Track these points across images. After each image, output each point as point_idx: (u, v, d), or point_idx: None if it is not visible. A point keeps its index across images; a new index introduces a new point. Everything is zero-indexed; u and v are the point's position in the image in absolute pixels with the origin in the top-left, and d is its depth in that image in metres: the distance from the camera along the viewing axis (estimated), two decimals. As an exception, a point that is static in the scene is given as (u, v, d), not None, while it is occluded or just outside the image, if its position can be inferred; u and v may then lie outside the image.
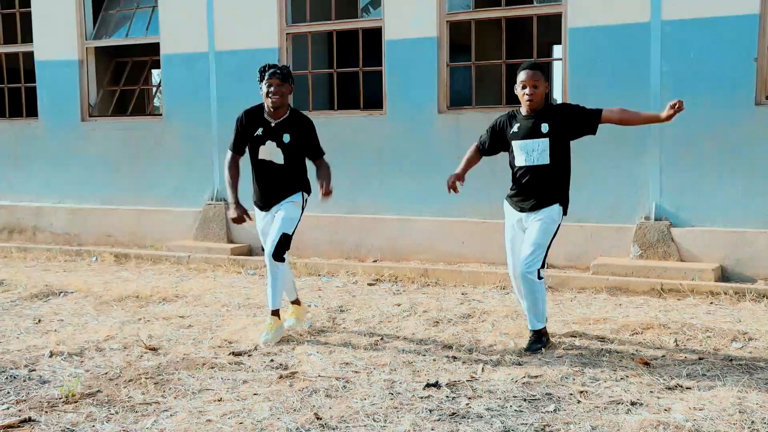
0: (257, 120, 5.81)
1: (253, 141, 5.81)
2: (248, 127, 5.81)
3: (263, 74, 5.71)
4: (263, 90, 5.69)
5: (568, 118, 5.49)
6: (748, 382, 4.72)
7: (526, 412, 4.31)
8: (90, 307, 7.04)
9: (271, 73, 5.67)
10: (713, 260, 7.54)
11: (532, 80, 5.42)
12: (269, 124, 5.78)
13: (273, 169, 5.81)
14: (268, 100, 5.69)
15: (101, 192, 10.48)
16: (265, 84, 5.67)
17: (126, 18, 10.66)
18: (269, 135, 5.76)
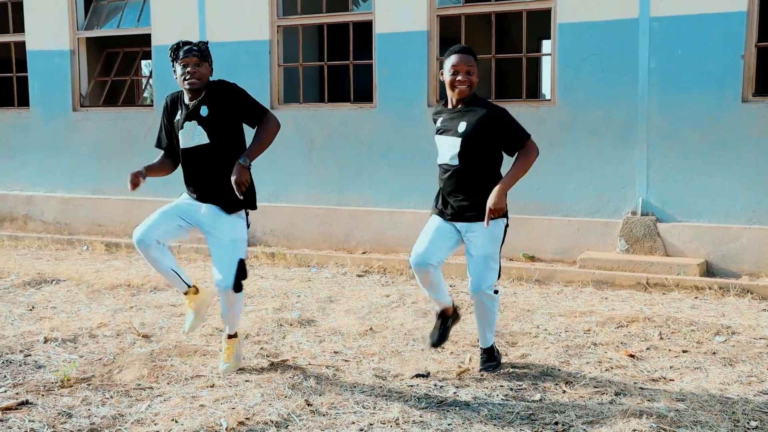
0: (178, 104, 4.89)
1: (173, 128, 4.90)
2: (170, 114, 4.92)
3: (177, 53, 4.74)
4: (178, 72, 4.73)
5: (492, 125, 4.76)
6: (730, 375, 4.83)
7: (512, 401, 4.40)
8: (82, 295, 7.10)
9: (186, 50, 4.71)
10: (698, 255, 7.66)
11: (467, 66, 4.71)
12: (187, 106, 4.81)
13: (200, 155, 4.79)
14: (185, 83, 4.73)
15: (92, 182, 10.51)
16: (180, 65, 4.71)
17: (118, 9, 10.68)
18: (187, 116, 4.78)
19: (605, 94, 7.98)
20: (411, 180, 8.78)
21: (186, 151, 4.82)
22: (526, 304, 6.73)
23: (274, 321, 6.11)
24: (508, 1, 8.60)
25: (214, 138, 4.75)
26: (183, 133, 4.79)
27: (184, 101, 4.84)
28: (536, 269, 7.77)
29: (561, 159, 8.17)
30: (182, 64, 4.70)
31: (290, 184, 9.42)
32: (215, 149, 4.74)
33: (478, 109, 4.76)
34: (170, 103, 4.94)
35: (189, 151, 4.81)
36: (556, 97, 8.20)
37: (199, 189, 4.84)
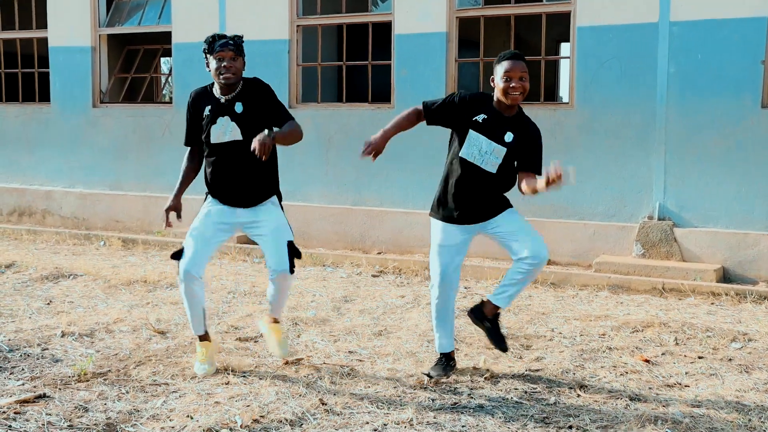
0: (205, 99, 4.79)
1: (203, 124, 4.77)
2: (197, 109, 4.80)
3: (212, 46, 4.63)
4: (212, 66, 4.65)
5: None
6: (746, 382, 4.80)
7: (527, 403, 4.40)
8: (99, 290, 7.15)
9: (222, 44, 4.61)
10: (715, 261, 7.62)
11: (520, 72, 4.55)
12: (218, 100, 4.74)
13: (233, 151, 4.73)
14: (220, 78, 4.65)
15: (110, 177, 10.58)
16: (215, 58, 4.63)
17: (139, 6, 10.75)
18: (220, 111, 4.72)
19: (624, 98, 7.96)
20: (427, 181, 8.76)
21: (217, 146, 4.75)
22: (541, 307, 6.72)
23: (289, 319, 6.13)
24: (528, 3, 8.60)
25: (247, 135, 4.65)
26: (215, 128, 4.72)
27: (215, 96, 4.76)
28: (551, 272, 7.75)
29: (578, 162, 8.14)
30: (218, 57, 4.62)
31: (307, 183, 9.44)
32: (248, 146, 4.57)
33: (524, 123, 4.71)
34: (195, 98, 4.83)
35: (220, 146, 4.75)
36: (574, 100, 8.19)
37: (226, 186, 4.79)
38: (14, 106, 11.32)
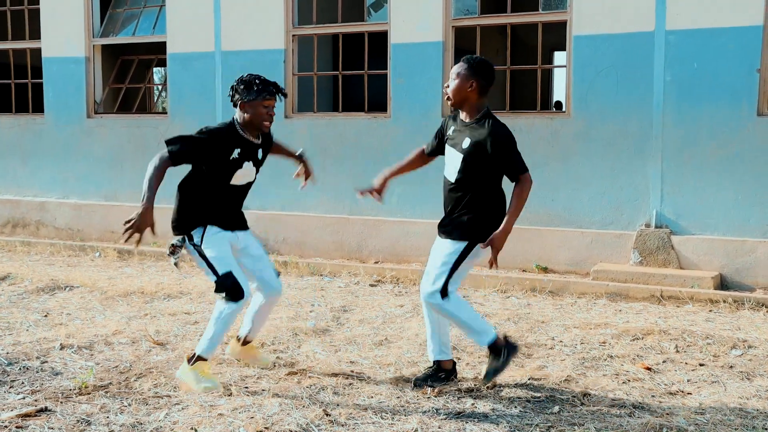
0: (233, 141, 4.69)
1: (227, 165, 4.68)
2: (224, 147, 4.64)
3: (261, 91, 4.64)
4: (255, 110, 4.64)
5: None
6: (748, 389, 4.81)
7: (531, 412, 4.39)
8: (96, 301, 7.11)
9: (271, 91, 4.68)
10: (713, 268, 7.64)
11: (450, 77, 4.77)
12: (249, 143, 4.76)
13: (244, 190, 4.95)
14: (263, 125, 4.71)
15: (105, 188, 10.54)
16: (263, 104, 4.65)
17: (133, 16, 10.74)
18: (246, 156, 4.76)
19: (620, 106, 7.99)
20: (424, 190, 8.77)
21: (235, 186, 4.84)
22: (541, 315, 6.72)
23: (288, 330, 6.12)
24: (524, 13, 8.62)
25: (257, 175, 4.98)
26: (241, 172, 4.77)
27: (245, 138, 4.73)
28: (549, 280, 7.76)
29: (575, 170, 8.17)
30: (267, 104, 4.67)
31: (303, 193, 9.32)
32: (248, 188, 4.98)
33: (482, 127, 4.68)
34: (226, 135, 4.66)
35: (238, 186, 4.86)
36: (570, 109, 8.21)
37: (234, 217, 4.92)
38: (7, 117, 11.28)
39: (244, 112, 4.67)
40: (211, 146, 4.61)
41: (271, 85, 4.68)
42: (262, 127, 4.72)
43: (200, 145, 4.60)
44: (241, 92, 4.66)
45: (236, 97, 4.69)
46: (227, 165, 4.68)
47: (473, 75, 4.70)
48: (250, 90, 4.64)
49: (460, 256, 4.70)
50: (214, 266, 4.68)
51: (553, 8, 9.03)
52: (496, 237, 4.62)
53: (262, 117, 4.67)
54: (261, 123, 4.69)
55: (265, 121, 4.70)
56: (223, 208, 4.83)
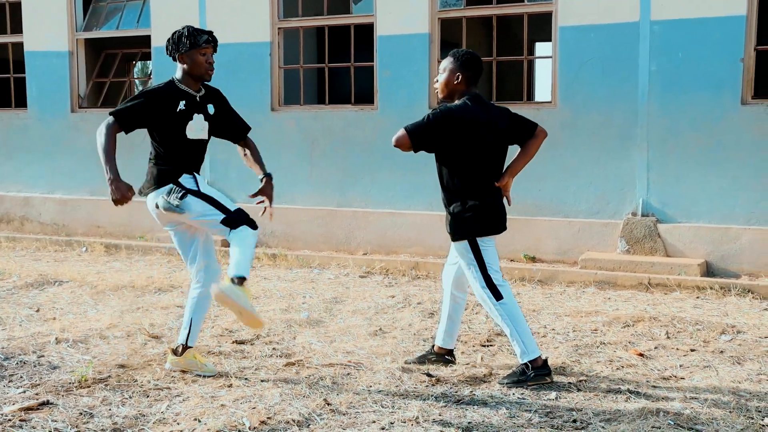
0: (175, 94, 4.67)
1: (175, 118, 4.65)
2: (165, 102, 4.62)
3: (196, 39, 4.62)
4: (194, 59, 4.63)
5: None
6: (740, 373, 4.89)
7: (529, 399, 4.44)
8: (86, 296, 7.10)
9: (207, 39, 4.65)
10: (699, 256, 7.74)
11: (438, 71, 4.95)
12: (193, 96, 4.73)
13: (201, 148, 4.85)
14: (206, 74, 4.70)
15: (91, 183, 10.48)
16: (200, 53, 4.63)
17: (117, 9, 10.67)
18: (194, 108, 4.73)
19: (606, 97, 8.06)
20: (412, 181, 8.82)
21: (191, 141, 4.75)
22: (531, 304, 6.79)
23: (282, 322, 6.14)
24: (510, 4, 8.67)
25: (210, 135, 4.90)
26: (192, 124, 4.72)
27: (187, 91, 4.71)
28: (538, 270, 7.83)
29: (562, 160, 8.24)
30: (204, 53, 4.66)
31: (291, 185, 9.43)
32: (205, 146, 4.89)
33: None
34: (166, 90, 4.68)
35: (193, 142, 4.76)
36: (556, 99, 8.27)
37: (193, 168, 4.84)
38: (-10, 112, 11.19)
39: (183, 63, 4.67)
40: (153, 101, 4.61)
41: (205, 33, 4.67)
42: (204, 75, 4.70)
43: (143, 103, 4.60)
44: (176, 43, 4.65)
45: (171, 49, 4.68)
46: (176, 117, 4.66)
47: (460, 68, 4.79)
48: (184, 40, 4.63)
49: (474, 252, 4.72)
50: (223, 204, 4.67)
51: None
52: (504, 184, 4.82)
53: (201, 66, 4.66)
54: (203, 72, 4.68)
55: (208, 70, 4.69)
56: (187, 165, 4.75)
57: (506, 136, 4.85)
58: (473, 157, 4.69)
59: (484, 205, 4.72)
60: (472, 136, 4.66)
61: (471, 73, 4.80)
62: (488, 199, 4.75)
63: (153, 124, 4.66)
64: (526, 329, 4.71)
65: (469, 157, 4.69)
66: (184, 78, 4.71)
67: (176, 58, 4.70)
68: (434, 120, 4.66)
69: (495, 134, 4.76)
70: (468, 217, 4.70)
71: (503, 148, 4.88)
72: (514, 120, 4.91)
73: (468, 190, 4.72)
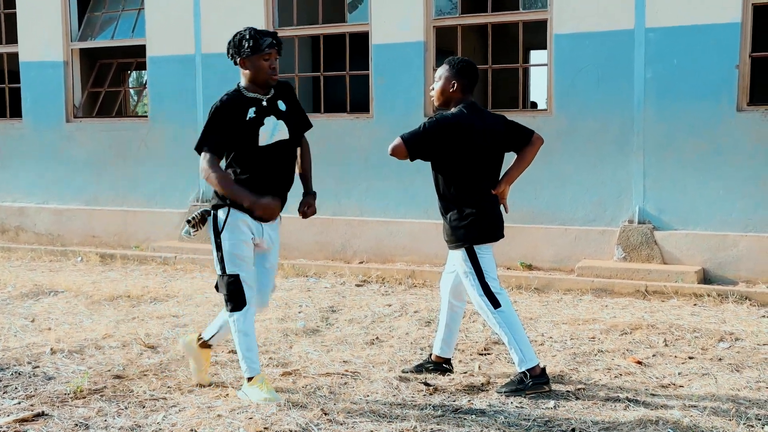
0: (242, 103, 4.46)
1: (246, 128, 4.42)
2: (236, 114, 4.42)
3: (259, 44, 4.39)
4: (258, 64, 4.41)
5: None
6: (738, 381, 4.87)
7: (527, 408, 4.42)
8: (82, 306, 7.07)
9: (270, 43, 4.42)
10: (696, 263, 7.73)
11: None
12: (260, 101, 4.50)
13: (283, 150, 4.54)
14: (270, 78, 4.47)
15: (86, 193, 10.47)
16: (263, 58, 4.40)
17: (112, 19, 10.66)
18: (264, 112, 4.49)
19: (601, 104, 8.06)
20: (408, 189, 8.80)
21: (269, 147, 4.47)
22: (528, 312, 6.77)
23: (279, 331, 6.12)
24: (504, 12, 8.68)
25: (292, 132, 4.58)
26: (264, 129, 4.44)
27: (253, 98, 4.48)
28: (535, 278, 7.81)
29: (558, 168, 8.23)
30: (267, 57, 4.40)
31: (286, 194, 9.39)
32: (293, 144, 4.61)
33: None
34: (232, 102, 4.43)
35: (272, 147, 4.48)
36: (552, 107, 8.28)
37: (276, 188, 4.55)
38: (-15, 122, 11.17)
39: (245, 68, 4.46)
40: (225, 115, 4.38)
41: (268, 36, 4.44)
42: (268, 81, 4.46)
43: (223, 124, 4.38)
44: (237, 47, 4.44)
45: (232, 53, 4.46)
46: (247, 126, 4.41)
47: (455, 76, 4.79)
48: (245, 44, 4.41)
49: (471, 260, 4.71)
50: (225, 262, 4.44)
51: (533, 7, 9.08)
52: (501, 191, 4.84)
53: (264, 72, 4.43)
54: (266, 78, 4.45)
55: (271, 75, 4.45)
56: (261, 180, 4.47)
57: (502, 143, 4.85)
58: (469, 165, 4.69)
59: (481, 213, 4.71)
60: (468, 144, 4.66)
61: (467, 81, 4.80)
62: (485, 207, 4.74)
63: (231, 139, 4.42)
64: (523, 337, 4.69)
65: (466, 165, 4.68)
66: (249, 84, 4.50)
67: (237, 63, 4.49)
68: (430, 128, 4.66)
69: (491, 142, 4.76)
70: (465, 225, 4.70)
71: (499, 155, 4.87)
72: (510, 127, 4.91)
73: (465, 197, 4.72)
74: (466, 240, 4.70)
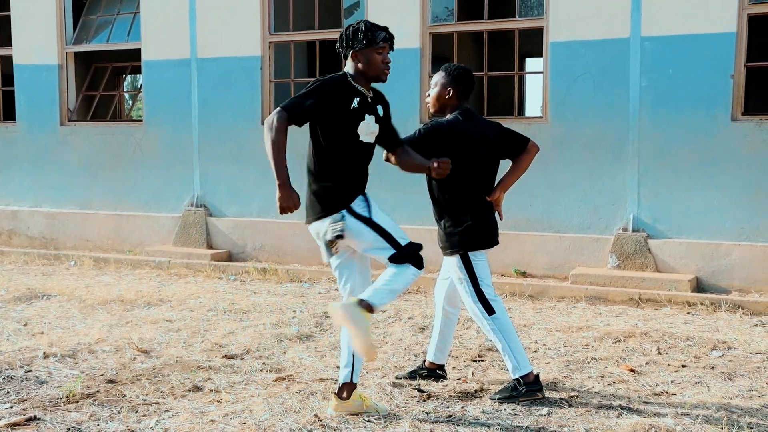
0: (349, 89, 4.22)
1: (350, 116, 4.19)
2: (340, 96, 4.16)
3: (374, 37, 4.21)
4: (372, 57, 4.22)
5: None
6: (731, 389, 4.88)
7: (521, 415, 4.42)
8: (75, 310, 7.04)
9: (384, 37, 4.24)
10: (689, 271, 7.74)
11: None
12: (365, 96, 4.29)
13: (369, 152, 4.40)
14: (383, 74, 4.28)
15: (80, 196, 10.45)
16: (377, 52, 4.22)
17: (107, 23, 10.65)
18: (366, 108, 4.27)
19: (597, 112, 8.08)
20: (401, 195, 8.79)
21: (363, 145, 4.30)
22: (522, 319, 6.77)
23: (273, 336, 6.11)
24: (501, 20, 8.70)
25: (377, 140, 4.43)
26: (364, 125, 4.25)
27: (360, 90, 4.26)
28: (529, 285, 7.82)
29: (553, 176, 8.25)
30: (380, 51, 4.23)
31: (281, 199, 9.40)
32: (372, 150, 4.43)
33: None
34: (340, 84, 4.20)
35: (365, 145, 4.32)
36: (548, 115, 8.29)
37: (362, 185, 4.39)
38: (-21, 125, 11.15)
39: (357, 62, 4.23)
40: (330, 91, 4.14)
41: (382, 30, 4.26)
42: (381, 76, 4.27)
43: (318, 92, 4.13)
44: (350, 39, 4.23)
45: (344, 46, 4.27)
46: (350, 115, 4.19)
47: (451, 82, 4.81)
48: (360, 36, 4.21)
49: (466, 267, 4.72)
50: (394, 236, 4.22)
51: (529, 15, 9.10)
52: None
53: (377, 66, 4.24)
54: (379, 73, 4.26)
55: (385, 71, 4.26)
56: (354, 174, 4.30)
57: (498, 150, 4.86)
58: (465, 172, 4.70)
59: (476, 220, 4.72)
60: (463, 151, 4.67)
61: (463, 88, 4.82)
62: (480, 214, 4.75)
63: (325, 120, 4.19)
64: (517, 344, 4.70)
65: (461, 172, 4.68)
66: (357, 77, 4.27)
67: (348, 56, 4.27)
68: (425, 134, 4.68)
69: (486, 149, 4.77)
70: (460, 232, 4.71)
71: (495, 162, 4.88)
72: (505, 134, 4.92)
73: (459, 204, 4.73)
74: (461, 246, 4.71)
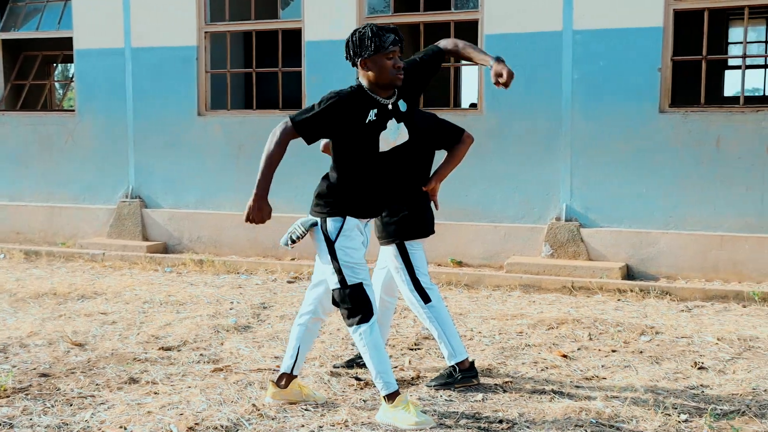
0: (365, 101, 4.03)
1: (366, 131, 4.05)
2: (353, 111, 4.00)
3: (382, 42, 3.98)
4: (382, 64, 3.99)
5: None
6: (657, 372, 5.05)
7: (456, 401, 4.50)
8: (5, 304, 6.91)
9: (394, 40, 4.00)
10: (620, 259, 7.94)
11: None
12: (384, 105, 4.09)
13: (403, 155, 4.26)
14: (396, 79, 4.03)
15: (10, 188, 10.23)
16: (387, 57, 3.98)
17: (36, 10, 10.42)
18: (386, 115, 4.10)
19: (531, 104, 8.22)
20: (340, 187, 8.82)
21: (387, 154, 4.17)
22: (458, 308, 6.87)
23: (210, 327, 6.09)
24: (437, 12, 8.77)
25: (412, 133, 4.23)
26: (385, 134, 4.10)
27: (375, 99, 4.07)
28: (465, 274, 7.93)
29: (488, 166, 8.37)
30: (391, 56, 3.98)
31: (217, 191, 9.36)
32: (414, 145, 4.29)
33: None
34: (351, 99, 4.01)
35: (391, 153, 4.19)
36: (483, 106, 8.40)
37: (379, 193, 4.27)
38: None
39: (367, 70, 4.01)
40: (342, 107, 3.97)
41: (390, 32, 4.03)
42: (394, 82, 4.02)
43: (330, 107, 3.96)
44: (358, 46, 4.01)
45: (352, 54, 4.04)
46: (367, 129, 4.04)
47: None
48: (367, 43, 3.98)
49: (402, 256, 4.78)
50: (344, 273, 4.13)
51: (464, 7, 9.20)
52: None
53: (388, 72, 4.00)
54: (391, 79, 4.01)
55: (397, 75, 4.01)
56: (371, 183, 4.17)
57: (433, 141, 4.92)
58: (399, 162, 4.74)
59: (412, 210, 4.78)
60: None
61: None
62: (415, 204, 4.81)
63: (338, 137, 4.07)
64: (453, 332, 4.78)
65: None
66: (372, 87, 4.06)
67: (356, 64, 4.04)
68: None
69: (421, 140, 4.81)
70: (396, 221, 4.76)
71: (430, 153, 4.94)
72: (440, 125, 4.98)
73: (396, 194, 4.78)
74: (397, 236, 4.77)
